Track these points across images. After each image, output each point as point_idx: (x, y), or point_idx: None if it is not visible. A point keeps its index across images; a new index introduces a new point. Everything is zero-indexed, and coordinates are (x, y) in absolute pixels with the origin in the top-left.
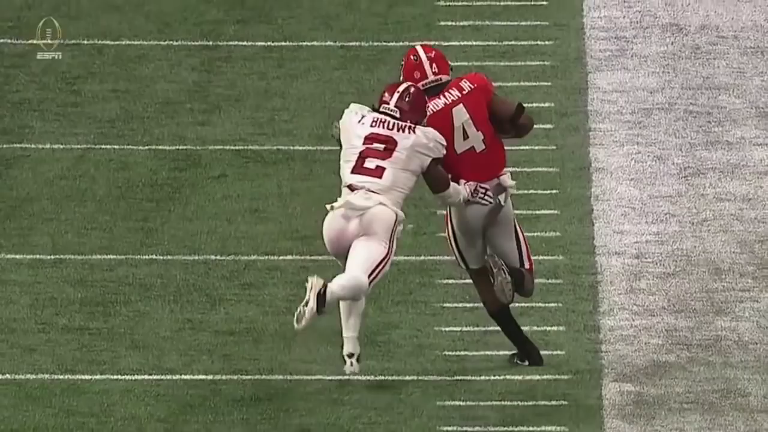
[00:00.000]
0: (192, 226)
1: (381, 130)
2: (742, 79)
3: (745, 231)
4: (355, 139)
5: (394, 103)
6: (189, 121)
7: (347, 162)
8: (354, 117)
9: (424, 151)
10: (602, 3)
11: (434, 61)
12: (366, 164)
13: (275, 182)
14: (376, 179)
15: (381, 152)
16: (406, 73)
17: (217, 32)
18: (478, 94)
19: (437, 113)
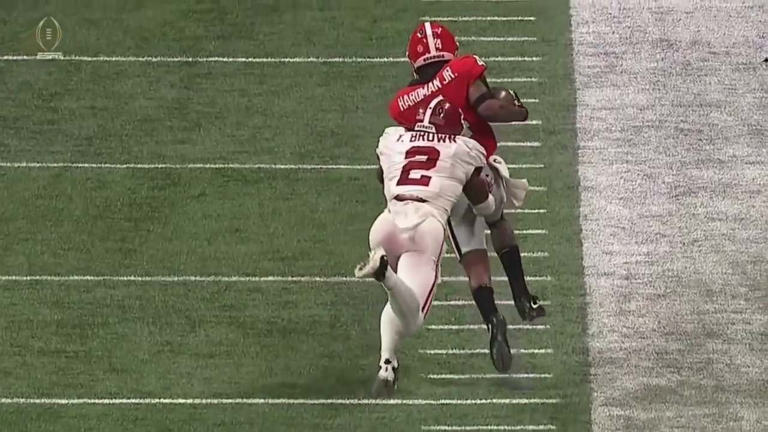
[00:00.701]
0: (171, 246)
1: (422, 143)
2: (733, 96)
3: (737, 251)
4: (396, 156)
5: (428, 119)
6: (168, 139)
7: (392, 178)
8: (392, 137)
9: (467, 159)
10: (591, 18)
11: (439, 37)
12: (411, 175)
13: (257, 201)
14: (424, 187)
15: (425, 163)
16: (411, 48)
17: (197, 48)
18: (459, 83)
19: (419, 103)
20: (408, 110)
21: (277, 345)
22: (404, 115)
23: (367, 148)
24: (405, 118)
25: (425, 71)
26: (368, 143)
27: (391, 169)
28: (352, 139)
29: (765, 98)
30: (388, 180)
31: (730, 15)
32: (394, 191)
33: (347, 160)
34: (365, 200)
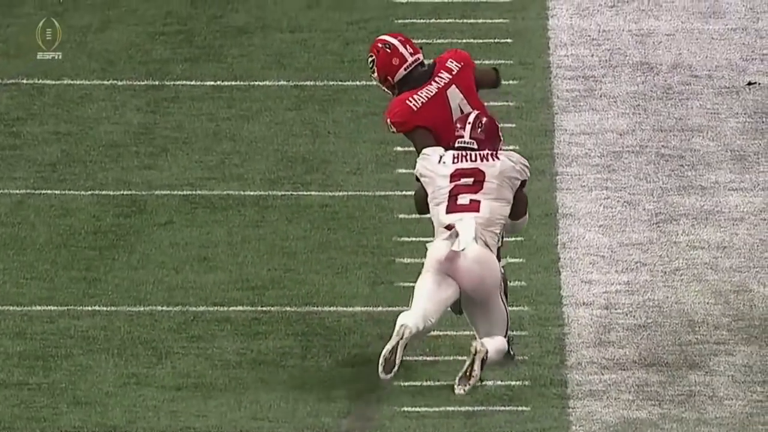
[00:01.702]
0: (137, 275)
1: (465, 164)
2: (716, 121)
3: (719, 280)
4: (440, 180)
5: (468, 135)
6: (134, 165)
7: (439, 204)
8: (432, 158)
9: (514, 175)
10: (569, 41)
11: (407, 43)
12: (459, 201)
13: (225, 229)
14: (475, 213)
15: (471, 186)
16: (383, 67)
17: (164, 71)
18: (466, 71)
19: (433, 98)
20: (424, 108)
21: (247, 377)
22: (420, 114)
23: (339, 174)
24: (421, 119)
25: (408, 79)
26: (340, 169)
27: (437, 195)
28: (324, 165)
29: (748, 123)
30: (434, 206)
31: (713, 37)
32: (444, 220)
33: (318, 187)
34: (337, 228)
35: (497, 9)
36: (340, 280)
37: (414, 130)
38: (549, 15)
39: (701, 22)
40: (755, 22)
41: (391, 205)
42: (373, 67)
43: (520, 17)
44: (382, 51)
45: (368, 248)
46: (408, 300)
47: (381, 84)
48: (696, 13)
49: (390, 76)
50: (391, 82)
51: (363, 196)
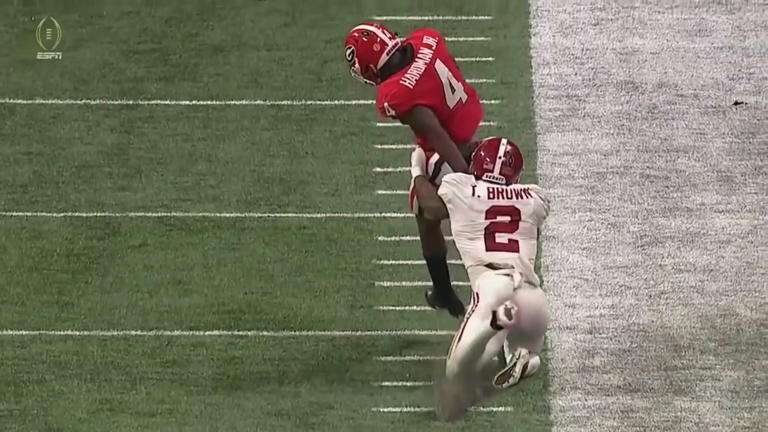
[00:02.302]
0: (111, 299)
1: (501, 201)
2: (702, 141)
3: (705, 304)
4: (474, 214)
5: (498, 171)
6: (107, 186)
7: (474, 239)
8: (465, 189)
9: (542, 213)
10: (552, 59)
11: (383, 28)
12: (497, 239)
13: (201, 252)
14: (515, 254)
15: (508, 225)
16: (364, 56)
17: (138, 90)
18: (441, 45)
19: (424, 75)
20: (419, 86)
21: (223, 403)
22: (416, 92)
23: (317, 196)
24: (419, 96)
25: (390, 65)
26: (318, 190)
27: (471, 229)
28: (302, 186)
29: (735, 143)
30: (466, 239)
31: (699, 56)
32: (485, 257)
33: (296, 208)
34: (315, 250)
35: (478, 27)
36: (318, 303)
37: (413, 109)
38: (531, 33)
39: (687, 41)
40: (742, 41)
41: (370, 227)
42: (353, 58)
43: (502, 35)
44: (360, 40)
45: (347, 271)
46: (389, 324)
47: (362, 75)
48: (682, 31)
49: (372, 63)
50: (374, 71)
51: (342, 217)
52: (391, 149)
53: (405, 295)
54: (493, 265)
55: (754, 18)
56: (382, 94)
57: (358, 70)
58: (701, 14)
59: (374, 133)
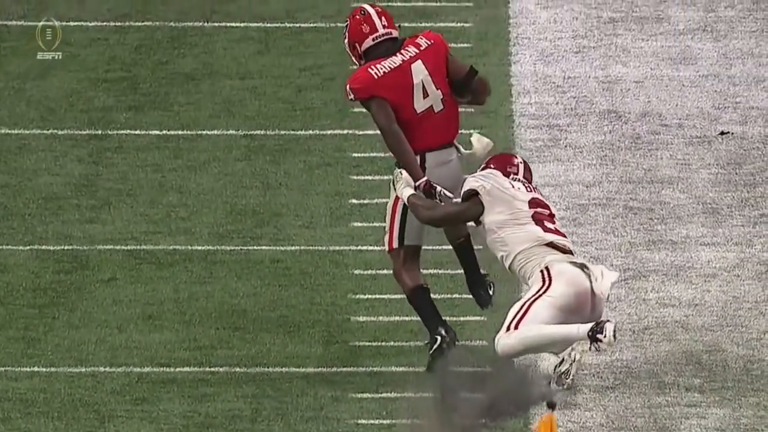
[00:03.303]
0: (79, 334)
1: (538, 195)
2: (687, 172)
3: (691, 340)
4: (519, 203)
5: (522, 174)
6: (75, 219)
7: (524, 224)
8: (502, 180)
9: None
10: (533, 88)
11: (383, 15)
12: (547, 225)
13: (171, 286)
14: (565, 239)
15: (548, 217)
16: (354, 32)
17: (107, 120)
18: (436, 50)
19: (396, 69)
20: (385, 78)
21: None
22: (380, 84)
23: (291, 228)
24: (380, 88)
25: (375, 51)
26: (292, 222)
27: (517, 216)
28: (275, 218)
29: (721, 174)
30: (515, 225)
31: (683, 85)
32: (544, 236)
33: (270, 241)
34: (289, 284)
35: (457, 54)
36: (292, 339)
37: (371, 99)
38: (511, 61)
39: (671, 69)
40: (728, 69)
41: (345, 260)
42: (346, 32)
43: (482, 63)
44: (356, 17)
45: (322, 306)
46: (365, 361)
47: (350, 52)
48: (666, 59)
49: (358, 43)
50: (359, 51)
51: (316, 251)
52: (368, 180)
53: (381, 330)
54: (555, 244)
55: (740, 46)
56: (351, 76)
57: (347, 45)
58: (686, 42)
59: (350, 164)
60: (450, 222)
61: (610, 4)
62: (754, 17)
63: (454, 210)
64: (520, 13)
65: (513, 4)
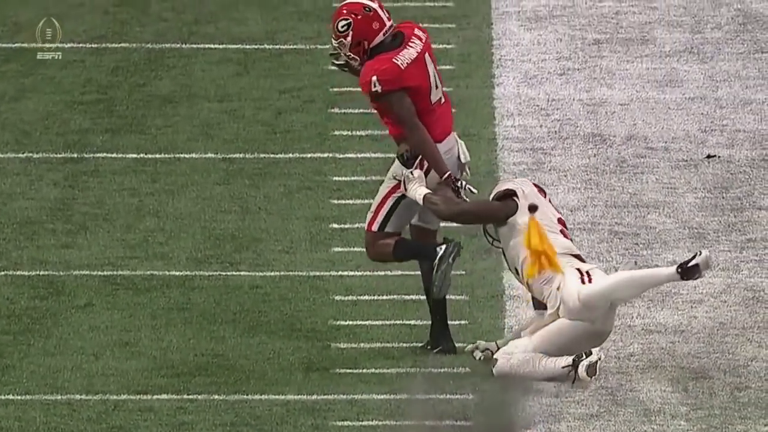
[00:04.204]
0: (54, 361)
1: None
2: (673, 196)
3: (677, 367)
4: (550, 211)
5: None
6: (51, 243)
7: (554, 233)
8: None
9: None
10: (516, 111)
11: (382, 6)
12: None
13: (148, 312)
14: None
15: (565, 232)
16: (361, 31)
17: (83, 143)
18: (429, 43)
19: (415, 61)
20: (409, 69)
21: None
22: (406, 75)
23: (271, 253)
24: (408, 79)
25: (382, 46)
26: (272, 247)
27: (548, 223)
28: (254, 243)
29: (707, 198)
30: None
31: (669, 107)
32: (572, 247)
33: (249, 266)
34: (268, 310)
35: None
36: (271, 366)
37: (397, 93)
38: (495, 83)
39: (657, 91)
40: (714, 91)
41: (326, 286)
42: (348, 30)
43: (464, 85)
44: (361, 14)
45: (302, 332)
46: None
47: (349, 50)
48: (651, 81)
49: (367, 40)
50: (365, 47)
51: (296, 276)
52: (348, 204)
53: (363, 357)
54: (581, 257)
55: (727, 68)
56: (371, 68)
57: (346, 44)
58: (672, 64)
59: (330, 187)
60: (476, 218)
61: (595, 25)
62: (741, 39)
63: (487, 206)
64: (504, 34)
65: (496, 25)
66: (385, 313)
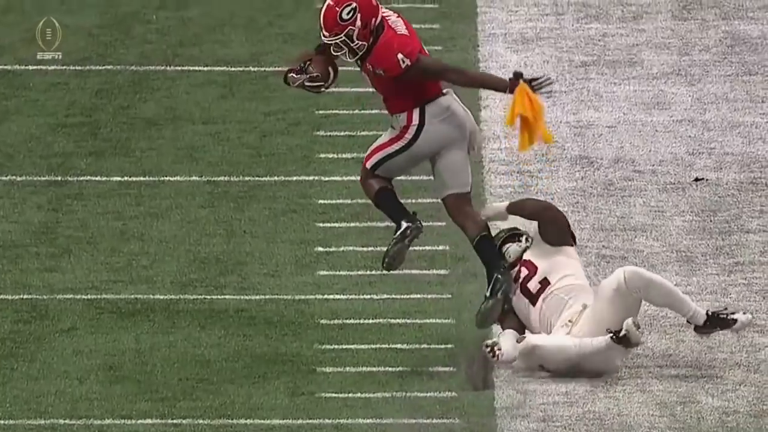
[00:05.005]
0: (38, 386)
1: None
2: (660, 219)
3: (664, 391)
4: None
5: None
6: (34, 267)
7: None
8: None
9: None
10: (503, 133)
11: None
12: None
13: (133, 336)
14: None
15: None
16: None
17: (67, 166)
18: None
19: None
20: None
21: None
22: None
23: (256, 277)
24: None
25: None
26: (257, 271)
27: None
28: (239, 267)
29: (695, 222)
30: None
31: (657, 130)
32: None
33: (234, 290)
34: (253, 334)
35: None
36: (256, 390)
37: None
38: (481, 106)
39: (644, 114)
40: (702, 114)
41: (311, 309)
42: (355, 15)
43: None
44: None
45: (287, 356)
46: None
47: (357, 38)
48: (639, 104)
49: (375, 17)
50: (372, 27)
51: (281, 300)
52: (334, 228)
53: (348, 381)
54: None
55: (715, 90)
56: (388, 49)
57: (355, 30)
58: (659, 86)
59: (316, 210)
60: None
61: (582, 47)
62: (729, 61)
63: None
64: (490, 56)
65: (482, 47)
66: (371, 337)
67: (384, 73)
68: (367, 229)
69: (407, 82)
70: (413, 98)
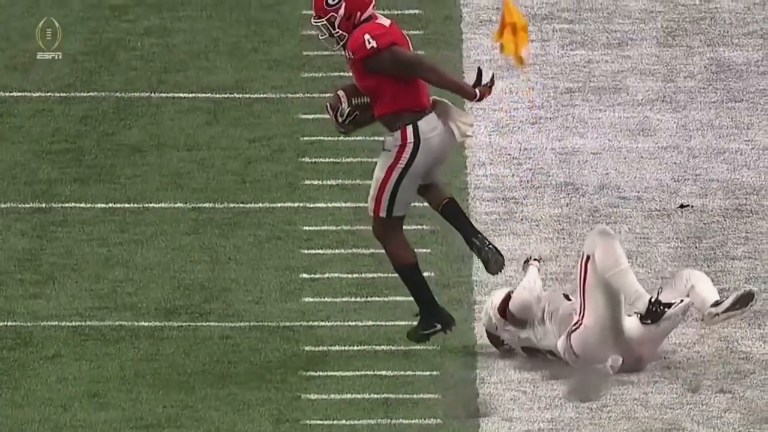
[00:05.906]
0: (21, 413)
1: None
2: (646, 246)
3: (650, 418)
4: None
5: None
6: (18, 294)
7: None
8: None
9: None
10: (488, 160)
11: None
12: None
13: (117, 363)
14: None
15: None
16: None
17: (51, 193)
18: None
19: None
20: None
21: None
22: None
23: (241, 303)
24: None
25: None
26: (242, 298)
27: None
28: (224, 294)
29: (681, 248)
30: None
31: (642, 156)
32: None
33: (218, 317)
34: (238, 361)
35: None
36: (241, 417)
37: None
38: None
39: (630, 140)
40: (687, 141)
41: (296, 336)
42: (340, 3)
43: None
44: None
45: (272, 383)
46: None
47: (338, 26)
48: (624, 130)
49: (361, 11)
50: (355, 21)
51: (266, 326)
52: (319, 254)
53: (333, 408)
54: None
55: (700, 117)
56: (360, 32)
57: (337, 18)
58: (645, 113)
59: (301, 237)
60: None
61: (567, 74)
62: (714, 87)
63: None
64: None
65: (468, 73)
66: (356, 363)
67: (352, 55)
68: (352, 255)
69: (386, 78)
70: (395, 100)
